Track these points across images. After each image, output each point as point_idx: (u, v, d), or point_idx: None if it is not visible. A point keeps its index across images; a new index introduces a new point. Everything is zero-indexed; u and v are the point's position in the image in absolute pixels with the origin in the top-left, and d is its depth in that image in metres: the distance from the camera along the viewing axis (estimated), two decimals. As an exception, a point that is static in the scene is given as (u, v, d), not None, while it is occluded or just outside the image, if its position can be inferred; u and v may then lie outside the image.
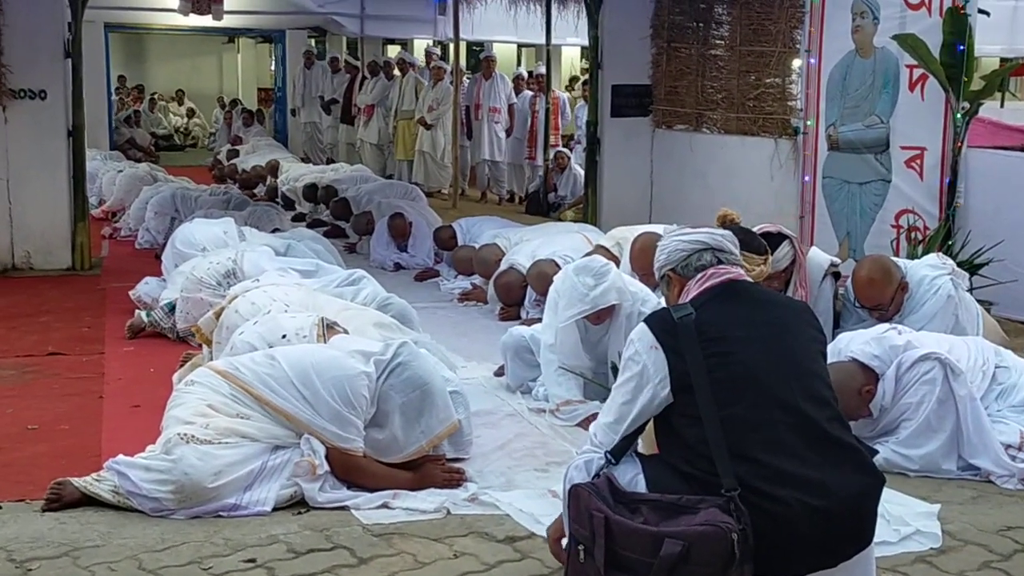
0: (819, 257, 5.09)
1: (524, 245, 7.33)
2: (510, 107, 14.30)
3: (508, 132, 14.24)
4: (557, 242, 7.24)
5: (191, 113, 22.67)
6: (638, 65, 9.52)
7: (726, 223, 3.98)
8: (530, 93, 14.53)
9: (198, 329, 4.95)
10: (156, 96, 22.57)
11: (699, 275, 3.00)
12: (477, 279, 7.89)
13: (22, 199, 8.50)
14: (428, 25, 17.50)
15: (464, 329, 6.95)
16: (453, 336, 6.64)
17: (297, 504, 3.81)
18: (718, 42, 8.88)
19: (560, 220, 11.37)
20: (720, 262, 3.03)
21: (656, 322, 2.91)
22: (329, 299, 5.04)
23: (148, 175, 11.73)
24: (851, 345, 4.39)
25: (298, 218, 11.90)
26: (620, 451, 2.93)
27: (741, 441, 2.76)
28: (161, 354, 6.00)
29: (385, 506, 3.80)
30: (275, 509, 3.76)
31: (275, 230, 8.63)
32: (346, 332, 4.46)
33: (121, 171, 12.04)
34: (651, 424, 2.94)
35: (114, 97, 20.58)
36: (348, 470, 3.87)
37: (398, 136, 15.06)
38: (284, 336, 4.29)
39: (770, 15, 8.29)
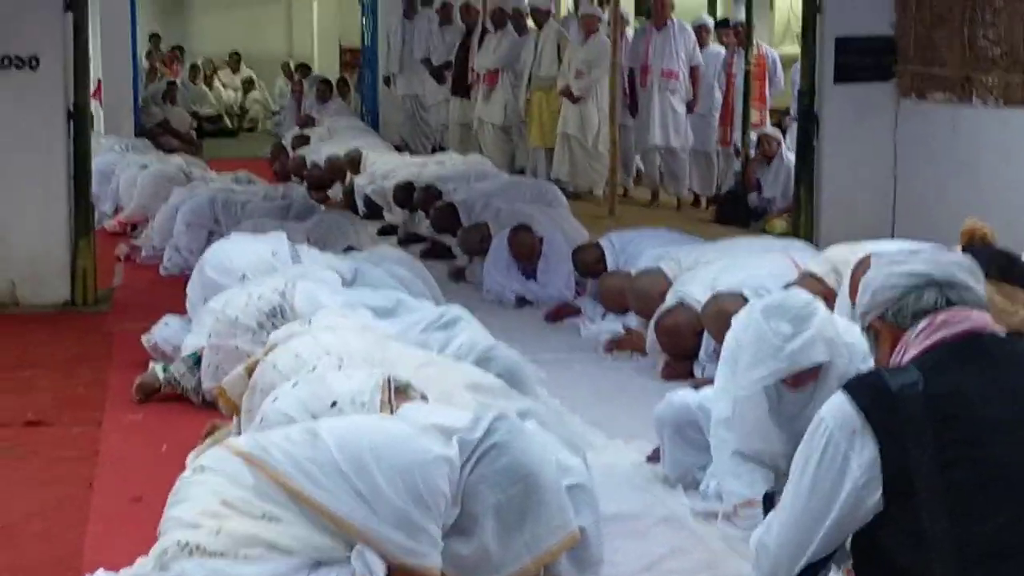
0: None
1: (701, 270, 7.30)
2: (692, 70, 14.26)
3: (690, 107, 14.20)
4: (750, 266, 7.18)
5: (248, 84, 23.29)
6: (876, 7, 9.39)
7: (974, 242, 3.86)
8: (722, 50, 14.47)
9: (222, 391, 5.04)
10: (202, 62, 23.24)
11: (922, 324, 2.92)
12: (633, 319, 7.86)
13: (3, 207, 8.84)
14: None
15: (610, 392, 6.97)
16: (594, 402, 6.68)
17: (348, 646, 3.80)
18: (995, -29, 8.71)
19: (766, 232, 11.26)
20: (951, 303, 2.94)
21: (864, 392, 2.86)
22: (405, 350, 5.07)
23: (180, 173, 12.11)
24: None
25: (386, 231, 12.15)
26: None
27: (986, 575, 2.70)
28: (179, 425, 6.14)
29: (474, 653, 3.79)
30: (317, 653, 3.76)
31: (348, 248, 8.78)
32: (424, 398, 4.47)
33: (145, 167, 12.43)
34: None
35: (142, 64, 21.34)
36: (419, 598, 3.85)
37: (532, 114, 15.20)
38: (334, 404, 4.30)
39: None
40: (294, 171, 15.06)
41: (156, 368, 6.72)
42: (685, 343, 7.03)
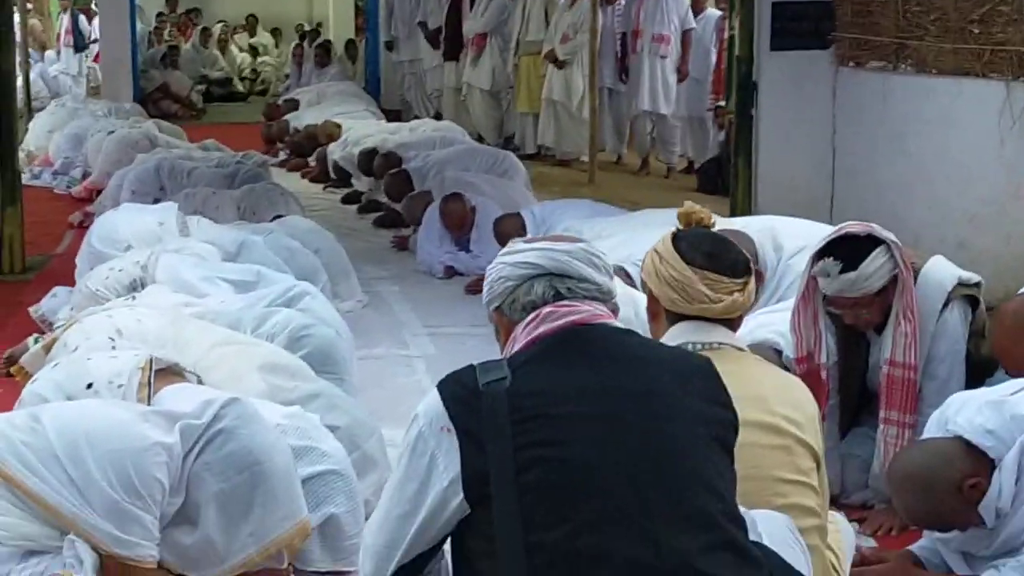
0: (940, 272, 4.66)
1: (597, 244, 7.11)
2: (684, 34, 14.05)
3: (681, 72, 13.99)
4: (644, 239, 6.97)
5: (255, 50, 23.17)
6: (815, -29, 9.18)
7: (691, 225, 3.69)
8: (717, 13, 14.23)
9: (20, 368, 4.98)
10: (218, 25, 23.20)
11: (529, 317, 2.79)
12: (537, 293, 7.74)
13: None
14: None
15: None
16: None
17: (55, 642, 3.72)
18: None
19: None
20: (560, 295, 2.81)
21: (452, 389, 2.74)
22: (205, 329, 4.97)
23: (145, 139, 12.02)
24: (961, 413, 4.03)
25: (351, 198, 12.04)
26: None
27: None
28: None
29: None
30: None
31: (277, 216, 8.72)
32: (198, 380, 4.38)
33: (112, 132, 12.38)
34: None
35: (149, 27, 21.32)
36: (131, 591, 3.75)
37: (520, 78, 15.03)
38: (90, 385, 4.22)
39: None
40: (277, 136, 14.98)
41: (29, 340, 6.68)
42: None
